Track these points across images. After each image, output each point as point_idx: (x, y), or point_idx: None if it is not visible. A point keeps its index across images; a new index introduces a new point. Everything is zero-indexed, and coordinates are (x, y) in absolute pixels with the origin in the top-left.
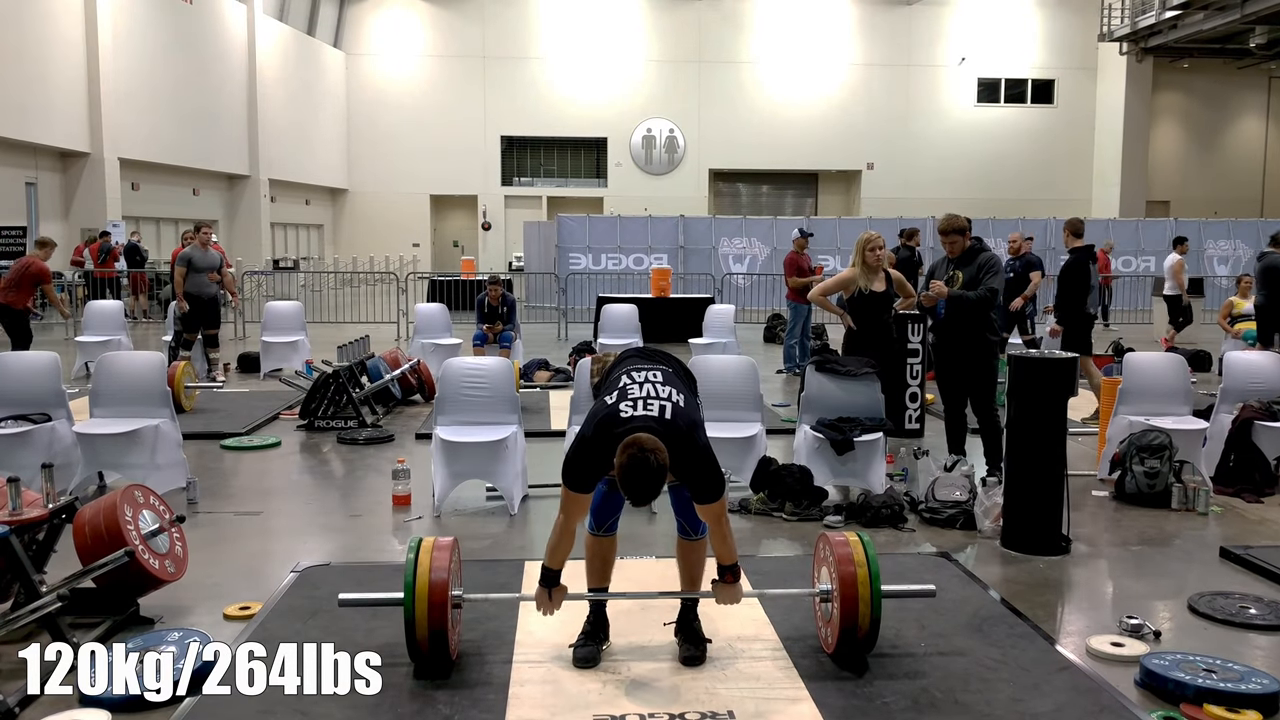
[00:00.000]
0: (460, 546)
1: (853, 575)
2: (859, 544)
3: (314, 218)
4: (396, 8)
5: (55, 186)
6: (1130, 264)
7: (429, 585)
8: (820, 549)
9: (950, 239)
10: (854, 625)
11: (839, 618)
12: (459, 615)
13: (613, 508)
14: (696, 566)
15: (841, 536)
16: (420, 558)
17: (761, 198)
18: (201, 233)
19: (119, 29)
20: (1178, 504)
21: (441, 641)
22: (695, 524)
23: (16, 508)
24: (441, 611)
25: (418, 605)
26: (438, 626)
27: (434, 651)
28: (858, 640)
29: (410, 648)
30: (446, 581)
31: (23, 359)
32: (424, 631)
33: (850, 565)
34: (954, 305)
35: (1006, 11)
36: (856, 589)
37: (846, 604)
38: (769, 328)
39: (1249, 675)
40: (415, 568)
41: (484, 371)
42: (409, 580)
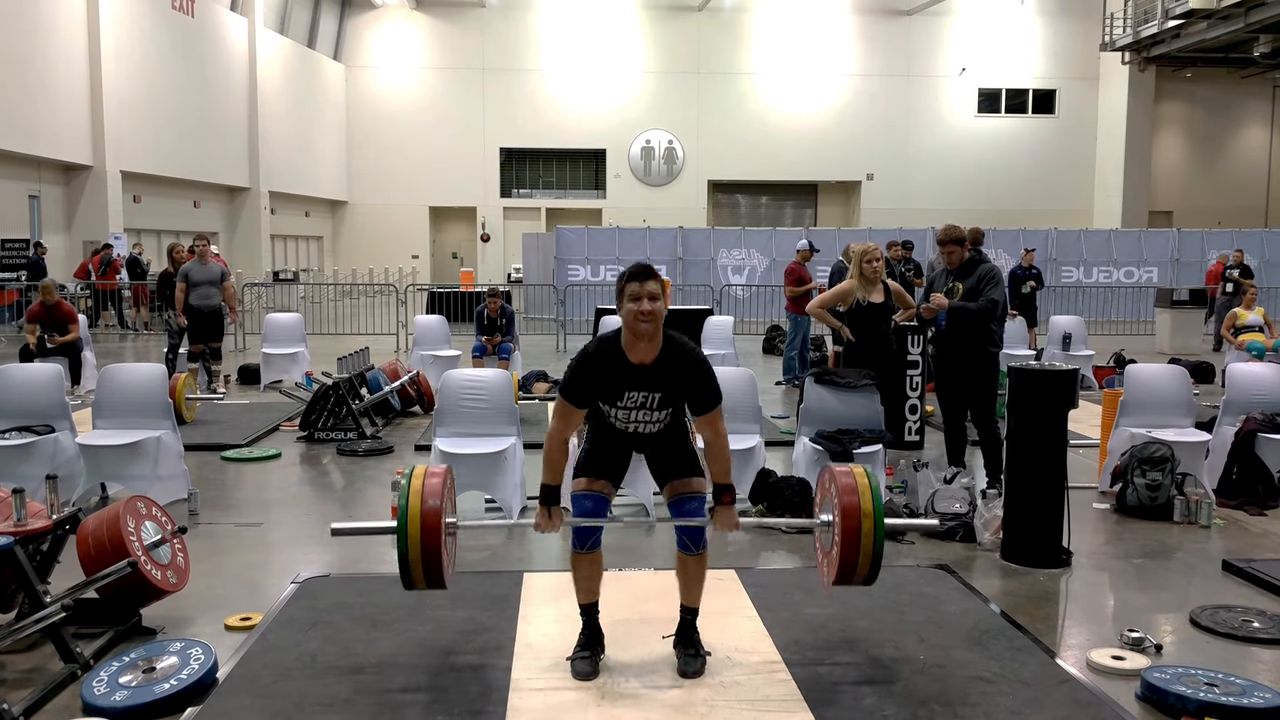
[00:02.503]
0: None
1: (855, 506)
2: (862, 474)
3: (314, 230)
4: (396, 20)
5: (58, 199)
6: (1133, 275)
7: (422, 510)
8: (824, 481)
9: (949, 249)
10: (854, 558)
11: (839, 548)
12: (454, 544)
13: (593, 526)
14: (696, 581)
15: (845, 468)
16: (413, 483)
17: (760, 209)
18: (198, 245)
19: (121, 42)
20: (1180, 516)
21: (435, 562)
22: (697, 539)
23: (21, 519)
24: (435, 534)
25: (410, 526)
26: (432, 546)
27: (428, 573)
28: (857, 574)
29: (404, 575)
30: (440, 506)
31: (26, 371)
32: (417, 551)
33: (853, 496)
34: (955, 317)
35: (1007, 21)
36: (859, 520)
37: (847, 536)
38: (768, 339)
39: (1251, 689)
40: (409, 493)
41: (483, 383)
42: (403, 504)
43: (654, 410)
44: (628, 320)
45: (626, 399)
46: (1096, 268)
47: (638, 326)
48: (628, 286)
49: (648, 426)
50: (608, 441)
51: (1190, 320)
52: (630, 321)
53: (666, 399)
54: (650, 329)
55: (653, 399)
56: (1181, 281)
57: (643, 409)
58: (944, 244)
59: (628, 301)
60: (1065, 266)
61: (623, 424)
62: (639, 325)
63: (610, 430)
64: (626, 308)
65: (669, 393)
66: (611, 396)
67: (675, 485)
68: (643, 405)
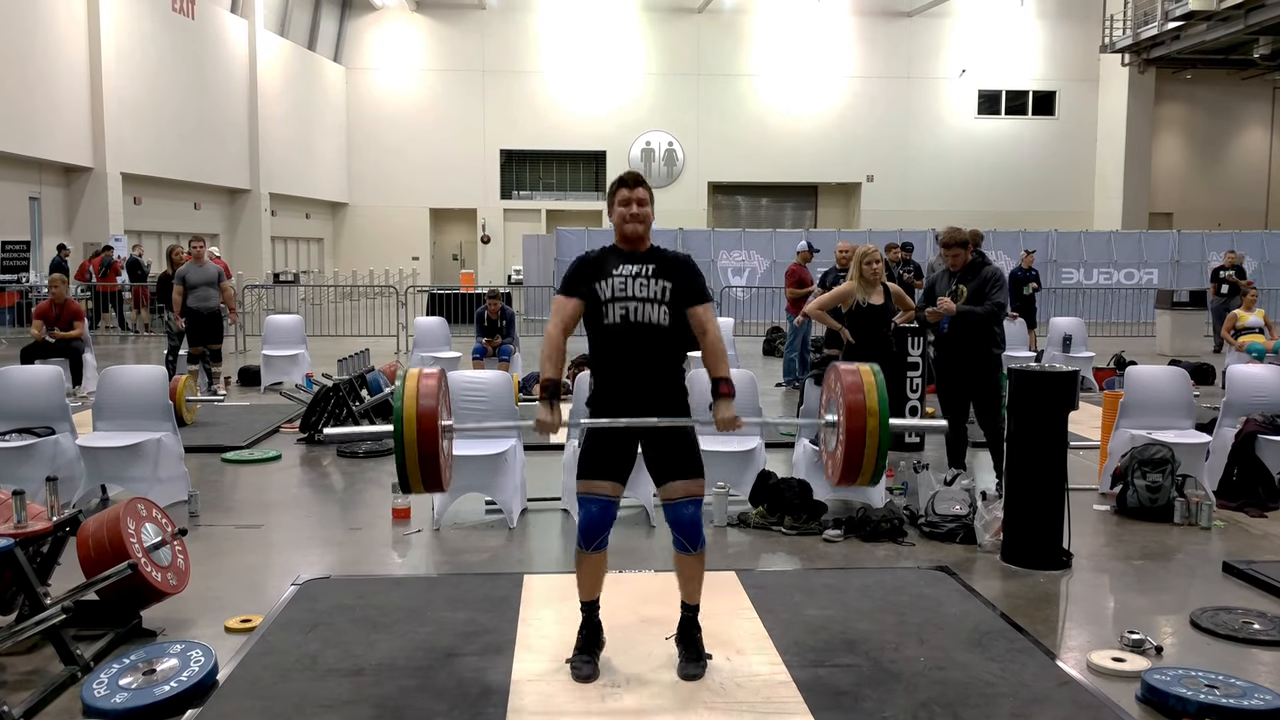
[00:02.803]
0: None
1: (860, 404)
2: (868, 372)
3: (314, 231)
4: (396, 22)
5: (58, 201)
6: (1133, 276)
7: (418, 411)
8: (830, 381)
9: (953, 252)
10: (859, 455)
11: (844, 446)
12: (450, 448)
13: (602, 525)
14: (695, 579)
15: (851, 367)
16: (408, 385)
17: (761, 210)
18: (193, 247)
19: (122, 45)
20: (1180, 518)
21: (433, 461)
22: (694, 539)
23: (21, 520)
24: (432, 436)
25: (406, 428)
26: (429, 450)
27: (426, 474)
28: (861, 471)
29: (401, 477)
30: (435, 407)
31: (27, 374)
32: (414, 453)
33: (858, 394)
34: (959, 321)
35: (1007, 23)
36: (864, 419)
37: (852, 435)
38: (768, 340)
39: (1252, 691)
40: (404, 395)
41: (483, 385)
42: (398, 408)
43: (650, 282)
44: (618, 223)
45: (621, 269)
46: (1097, 269)
47: (627, 228)
48: (618, 192)
49: (647, 310)
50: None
51: (1191, 322)
52: (620, 224)
53: (660, 271)
54: (640, 230)
55: (647, 269)
56: (1182, 283)
57: (638, 280)
58: (948, 246)
59: (618, 205)
60: (1065, 268)
61: (620, 307)
62: (629, 226)
63: (608, 346)
64: (617, 211)
65: (662, 266)
66: (606, 270)
67: (673, 487)
68: (638, 275)
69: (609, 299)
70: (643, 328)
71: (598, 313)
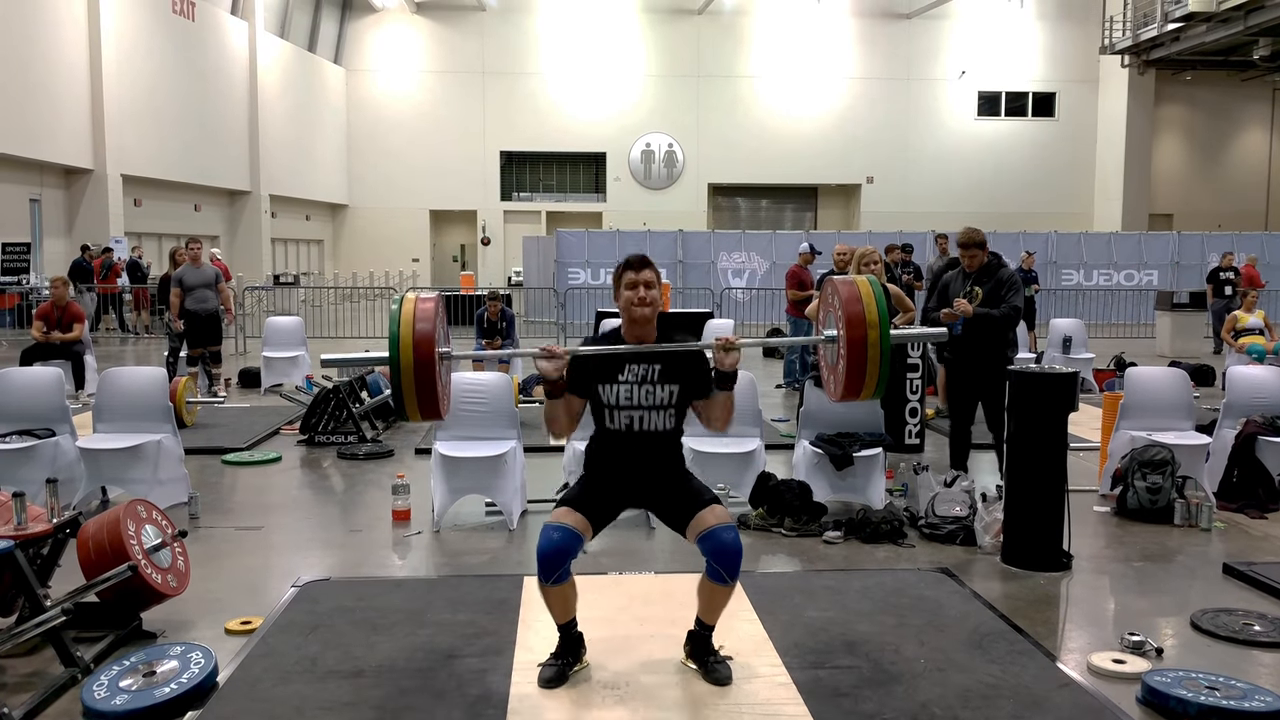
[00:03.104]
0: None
1: (860, 315)
2: (865, 283)
3: (314, 233)
4: (397, 24)
5: (59, 203)
6: (1133, 278)
7: (414, 335)
8: (827, 294)
9: (971, 253)
10: (861, 367)
11: (845, 359)
12: (448, 375)
13: (560, 554)
14: (721, 606)
15: (848, 278)
16: (404, 309)
17: (761, 212)
18: (190, 248)
19: (122, 47)
20: (1180, 520)
21: (430, 387)
22: (733, 570)
23: (21, 522)
24: (429, 360)
25: (403, 353)
26: (425, 374)
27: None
28: (865, 384)
29: (397, 404)
30: (432, 330)
31: (27, 375)
32: (410, 377)
33: (857, 305)
34: (974, 323)
35: (1007, 24)
36: (864, 329)
37: (853, 345)
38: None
39: (1252, 693)
40: (399, 318)
41: (483, 387)
42: (394, 331)
43: (656, 388)
44: (625, 307)
45: (627, 373)
46: (1097, 271)
47: (635, 311)
48: (624, 275)
49: (652, 418)
50: (602, 476)
51: (1190, 323)
52: (628, 308)
53: (667, 372)
54: (648, 313)
55: (653, 371)
56: (1182, 284)
57: (644, 386)
58: (966, 247)
59: (624, 289)
60: (1065, 269)
61: (625, 416)
62: (636, 310)
63: (609, 446)
64: (624, 295)
65: (668, 366)
66: (612, 371)
67: (702, 518)
68: (644, 381)
69: (614, 405)
70: (647, 435)
71: (601, 413)
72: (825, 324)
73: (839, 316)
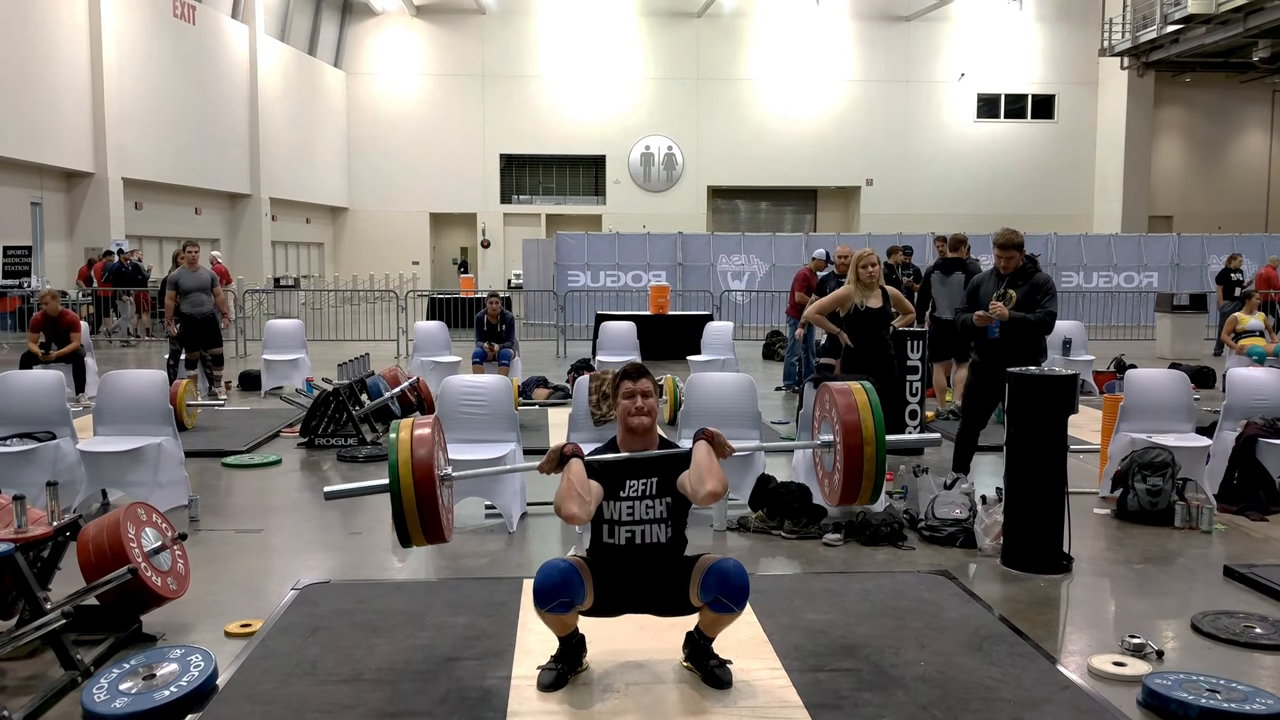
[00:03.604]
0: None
1: (856, 424)
2: (861, 391)
3: (314, 236)
4: (396, 27)
5: (60, 206)
6: (1133, 280)
7: (413, 461)
8: (823, 399)
9: (1009, 254)
10: (858, 477)
11: (842, 468)
12: (450, 496)
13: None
14: (720, 629)
15: (844, 386)
16: (400, 435)
17: (760, 214)
18: (187, 252)
19: (123, 51)
20: (1181, 522)
21: (432, 513)
22: (739, 598)
23: (22, 525)
24: (429, 484)
25: (402, 479)
26: (428, 502)
27: (426, 526)
28: (860, 492)
29: (400, 532)
30: (431, 456)
31: (28, 378)
32: (413, 505)
33: (854, 414)
34: (1011, 326)
35: (1006, 26)
36: (860, 435)
37: (850, 452)
38: (768, 344)
39: (1253, 695)
40: (398, 446)
41: (483, 389)
42: (392, 460)
43: (654, 503)
44: (623, 417)
45: (629, 489)
46: (1096, 272)
47: (633, 421)
48: (621, 385)
49: (650, 531)
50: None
51: (1191, 325)
52: (625, 417)
53: (663, 485)
54: (646, 422)
55: (651, 486)
56: (1182, 286)
57: (643, 501)
58: (1005, 248)
59: (622, 399)
60: (1065, 271)
61: (626, 531)
62: (634, 420)
63: (609, 560)
64: (621, 405)
65: (665, 477)
66: (614, 488)
67: (698, 568)
68: (643, 496)
69: (615, 521)
70: (647, 549)
71: (600, 529)
72: (820, 429)
73: (835, 424)
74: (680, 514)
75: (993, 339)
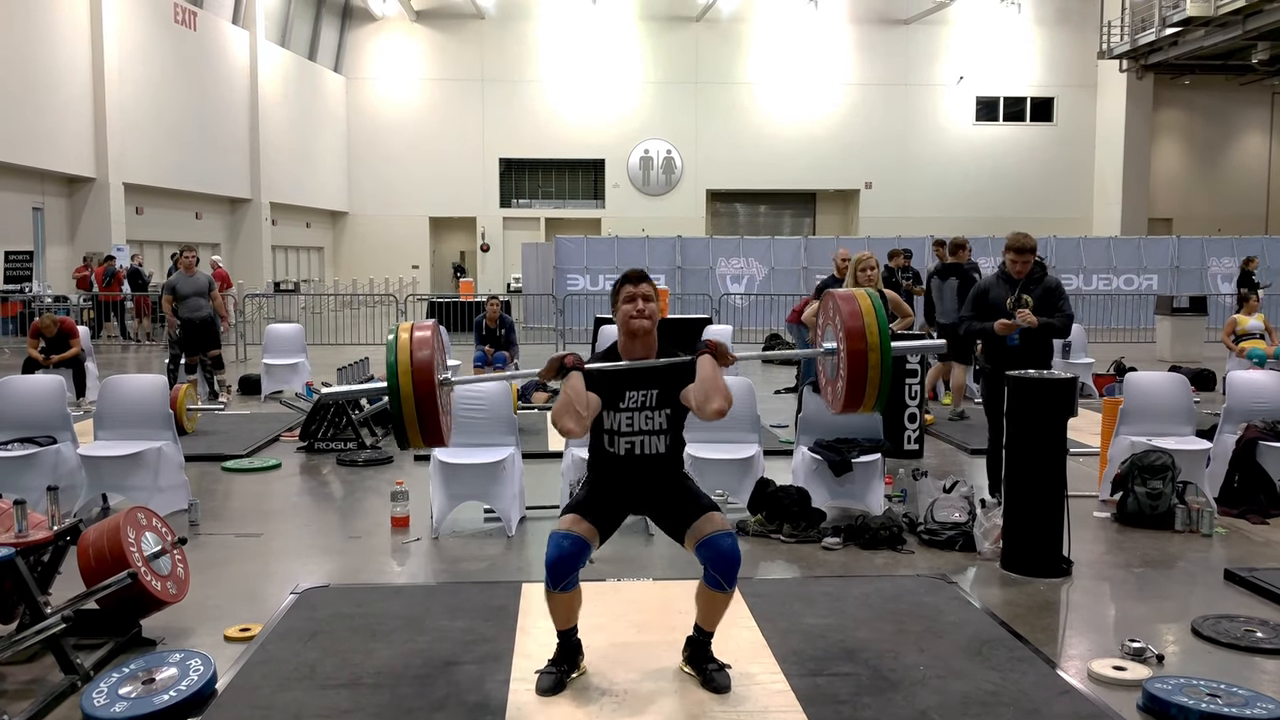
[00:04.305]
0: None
1: (860, 329)
2: (865, 296)
3: (314, 240)
4: (396, 32)
5: (61, 211)
6: (1133, 282)
7: (412, 363)
8: (827, 306)
9: (1025, 259)
10: (861, 383)
11: (846, 374)
12: (449, 400)
13: (572, 563)
14: (719, 611)
15: (848, 293)
16: (401, 336)
17: (759, 218)
18: (185, 256)
19: (124, 56)
20: (1181, 525)
21: (431, 414)
22: (730, 577)
23: (22, 530)
24: (430, 392)
25: (402, 382)
26: (426, 402)
27: (425, 427)
28: (864, 401)
29: (398, 433)
30: (431, 359)
31: (29, 382)
32: (411, 406)
33: (858, 320)
34: (1031, 333)
35: (1005, 30)
36: (864, 340)
37: (854, 357)
38: (767, 348)
39: (1254, 700)
40: (397, 347)
41: (482, 393)
42: (391, 361)
43: (654, 414)
44: (623, 321)
45: (628, 400)
46: (1096, 275)
47: (634, 324)
48: (622, 289)
49: (651, 442)
50: (605, 487)
51: (1191, 327)
52: (625, 321)
53: (664, 396)
54: (647, 325)
55: (651, 397)
56: (1181, 289)
57: (643, 412)
58: (1022, 252)
59: (623, 303)
60: (1065, 274)
61: (626, 442)
62: (634, 323)
63: (609, 466)
64: (622, 309)
65: (665, 389)
66: (613, 399)
67: (697, 527)
68: (643, 408)
69: (615, 432)
70: (646, 459)
71: (601, 439)
72: (824, 337)
73: (839, 331)
74: (678, 424)
75: (1012, 346)
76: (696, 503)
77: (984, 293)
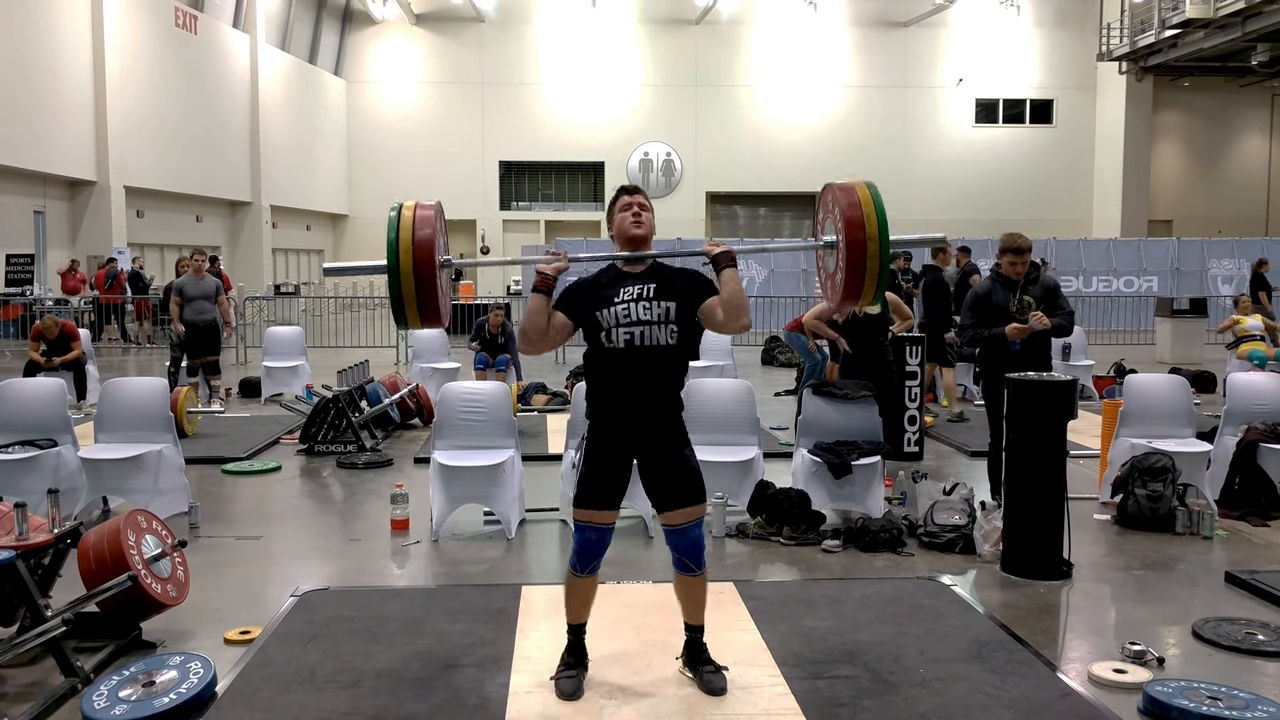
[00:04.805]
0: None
1: (859, 219)
2: (864, 188)
3: (315, 243)
4: (397, 36)
5: (62, 214)
6: (1133, 284)
7: (413, 241)
8: (825, 200)
9: (1022, 259)
10: (860, 272)
11: (845, 264)
12: (448, 282)
13: (598, 551)
14: (699, 600)
15: (847, 184)
16: (404, 214)
17: (759, 220)
18: (194, 259)
19: (125, 59)
20: (1181, 528)
21: (431, 297)
22: (697, 560)
23: (23, 533)
24: (430, 269)
25: (403, 258)
26: (426, 280)
27: (424, 306)
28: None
29: (397, 311)
30: (432, 237)
31: (30, 386)
32: (411, 284)
33: (856, 210)
34: (1036, 335)
35: (1004, 32)
36: (863, 230)
37: (853, 247)
38: (766, 350)
39: (1255, 703)
40: (399, 224)
41: (481, 396)
42: (392, 237)
43: (653, 305)
44: (620, 225)
45: (622, 294)
46: (1096, 277)
47: (630, 230)
48: (619, 199)
49: (653, 332)
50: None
51: (1191, 329)
52: (622, 226)
53: (663, 290)
54: (641, 231)
55: (648, 290)
56: (1181, 290)
57: (641, 303)
58: (1020, 253)
59: (619, 211)
60: (1064, 276)
61: (625, 333)
62: (631, 229)
63: (610, 372)
64: (619, 216)
65: (664, 285)
66: (608, 296)
67: (674, 515)
68: (640, 299)
69: (613, 325)
70: (649, 351)
71: (599, 339)
72: (824, 229)
73: (838, 222)
74: (686, 321)
75: (1016, 351)
76: (684, 487)
77: (984, 298)
